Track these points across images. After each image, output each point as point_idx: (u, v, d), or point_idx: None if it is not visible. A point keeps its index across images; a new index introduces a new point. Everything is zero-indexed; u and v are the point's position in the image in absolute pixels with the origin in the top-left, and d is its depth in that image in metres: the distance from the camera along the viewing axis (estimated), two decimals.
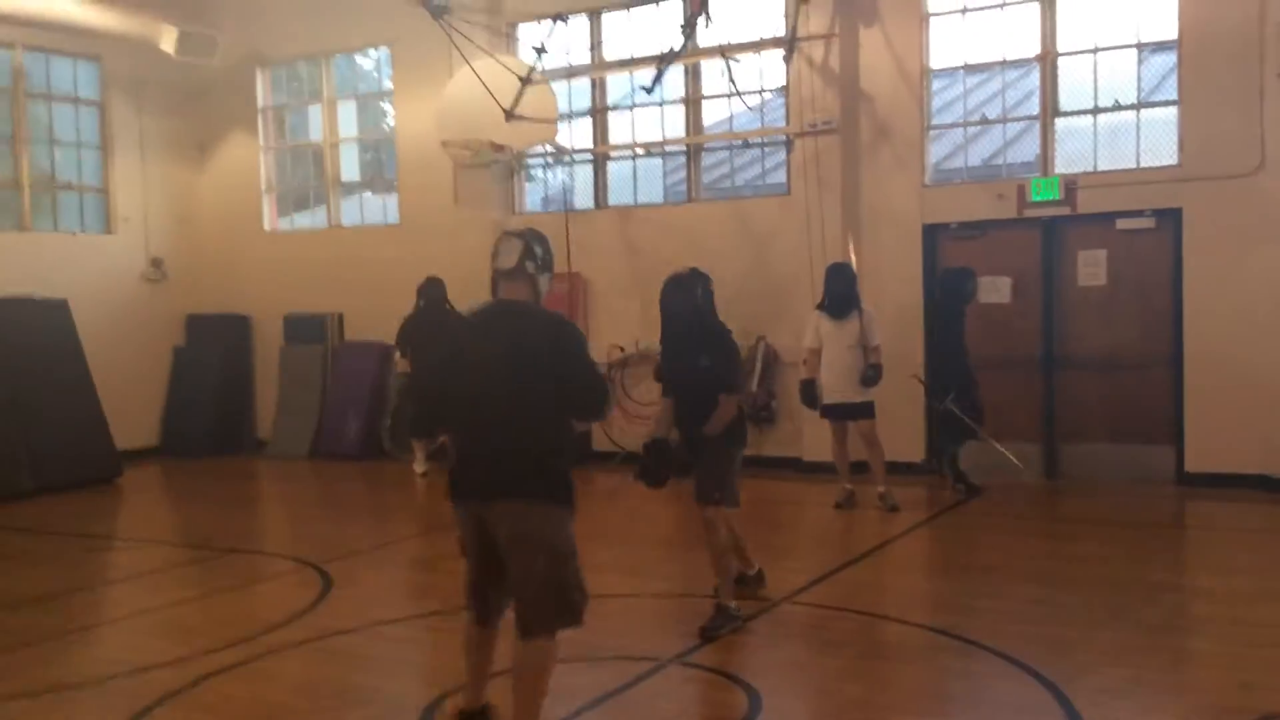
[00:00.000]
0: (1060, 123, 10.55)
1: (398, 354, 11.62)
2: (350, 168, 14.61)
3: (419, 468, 11.68)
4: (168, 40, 12.96)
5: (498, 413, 4.33)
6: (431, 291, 11.39)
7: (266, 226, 14.72)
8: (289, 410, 14.05)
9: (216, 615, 6.92)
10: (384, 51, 14.12)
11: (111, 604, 7.58)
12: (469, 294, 9.95)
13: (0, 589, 7.59)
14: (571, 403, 4.41)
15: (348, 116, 14.51)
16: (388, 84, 14.09)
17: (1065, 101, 10.50)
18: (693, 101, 12.15)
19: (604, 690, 5.22)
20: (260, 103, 14.60)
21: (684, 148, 12.29)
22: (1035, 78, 10.70)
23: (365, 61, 14.93)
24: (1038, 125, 10.66)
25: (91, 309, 12.84)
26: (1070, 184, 10.28)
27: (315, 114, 14.51)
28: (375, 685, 5.58)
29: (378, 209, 14.33)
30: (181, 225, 14.51)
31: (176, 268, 14.38)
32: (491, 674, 4.64)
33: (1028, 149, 10.95)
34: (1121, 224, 10.18)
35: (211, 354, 14.28)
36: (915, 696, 5.24)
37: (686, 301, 6.16)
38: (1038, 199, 10.38)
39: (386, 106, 14.52)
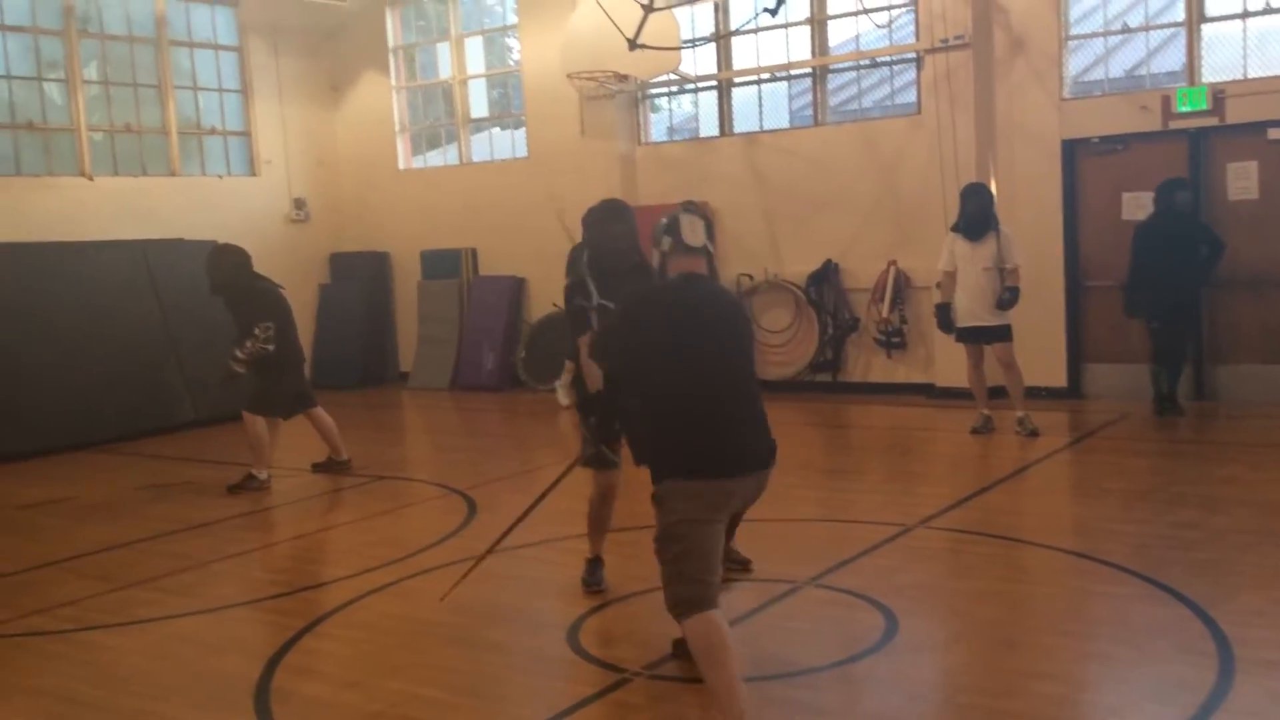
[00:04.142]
0: (1207, 29, 10.05)
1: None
2: (479, 104, 14.82)
3: (564, 400, 11.74)
4: None
5: (723, 390, 4.20)
6: None
7: (401, 165, 15.06)
8: (429, 343, 14.48)
9: (369, 538, 7.26)
10: None
11: (271, 528, 8.01)
12: None
13: (166, 515, 8.09)
14: None
15: (475, 53, 14.69)
16: (512, 18, 14.17)
17: (1212, 6, 9.99)
18: (818, 21, 11.92)
19: (740, 611, 5.31)
20: (391, 42, 14.87)
21: (810, 70, 12.09)
22: None
23: None
24: (1183, 32, 10.18)
25: None
26: (1218, 93, 9.81)
27: (444, 52, 14.71)
28: (520, 604, 5.82)
29: (506, 144, 14.52)
30: (320, 166, 14.98)
31: (317, 208, 14.88)
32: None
33: (1173, 58, 10.46)
34: (1274, 133, 9.71)
35: (354, 291, 14.80)
36: (1053, 619, 5.20)
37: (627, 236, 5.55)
38: (1184, 109, 9.94)
39: (512, 41, 14.63)
